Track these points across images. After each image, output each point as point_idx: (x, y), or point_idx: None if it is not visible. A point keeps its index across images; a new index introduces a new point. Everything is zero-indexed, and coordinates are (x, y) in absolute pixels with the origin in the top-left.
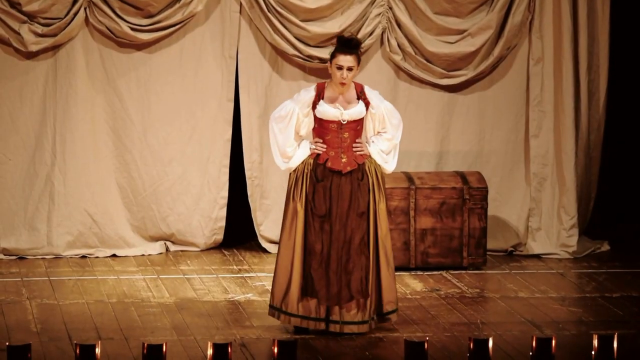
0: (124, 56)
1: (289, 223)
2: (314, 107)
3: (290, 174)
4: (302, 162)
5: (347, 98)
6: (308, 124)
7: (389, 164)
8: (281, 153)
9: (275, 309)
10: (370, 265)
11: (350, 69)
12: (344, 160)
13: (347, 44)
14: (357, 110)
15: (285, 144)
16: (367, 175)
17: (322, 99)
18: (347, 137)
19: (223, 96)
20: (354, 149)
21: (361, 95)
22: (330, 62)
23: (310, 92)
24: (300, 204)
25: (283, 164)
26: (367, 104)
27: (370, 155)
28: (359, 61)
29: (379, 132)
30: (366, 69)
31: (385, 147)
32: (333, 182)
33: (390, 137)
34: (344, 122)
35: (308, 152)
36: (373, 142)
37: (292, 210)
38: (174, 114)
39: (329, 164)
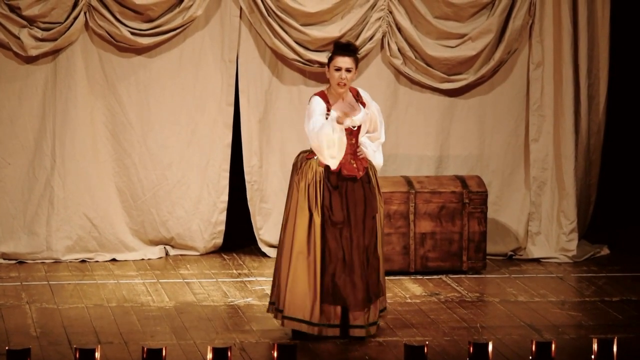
0: (123, 60)
1: (306, 233)
2: (326, 118)
3: (294, 183)
4: (312, 170)
5: (350, 103)
6: None
7: (379, 160)
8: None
9: (290, 319)
10: (381, 266)
11: (348, 70)
12: (354, 165)
13: (345, 47)
14: (361, 114)
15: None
16: (372, 178)
17: (330, 108)
18: (355, 143)
19: (223, 100)
20: (358, 153)
21: (359, 99)
22: (328, 66)
23: (321, 103)
24: (317, 213)
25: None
26: (364, 106)
27: (368, 159)
28: (356, 65)
29: (367, 132)
30: (366, 73)
31: (375, 146)
32: (348, 189)
33: (378, 136)
34: (354, 129)
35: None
36: (364, 144)
37: (308, 220)
38: (173, 118)
39: (344, 172)
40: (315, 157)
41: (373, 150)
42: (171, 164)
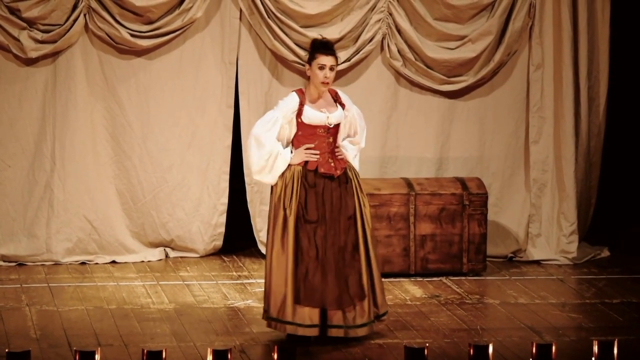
0: (123, 62)
1: (280, 232)
2: (299, 114)
3: (276, 182)
4: (291, 170)
5: (327, 102)
6: (288, 134)
7: (356, 167)
8: (266, 159)
9: (272, 319)
10: (362, 268)
11: (332, 68)
12: (332, 164)
13: (325, 45)
14: (338, 113)
15: (272, 143)
16: (351, 179)
17: (304, 104)
18: (332, 142)
19: (223, 102)
20: (337, 154)
21: (337, 99)
22: (310, 64)
23: (294, 99)
24: (289, 211)
25: (268, 175)
26: (342, 108)
27: (347, 160)
28: (337, 63)
29: (348, 136)
30: (366, 75)
31: (355, 152)
32: (325, 188)
33: (358, 141)
34: (331, 126)
35: (288, 161)
36: (345, 147)
37: (282, 219)
38: (173, 120)
39: (321, 170)
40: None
41: (353, 155)
42: (171, 166)
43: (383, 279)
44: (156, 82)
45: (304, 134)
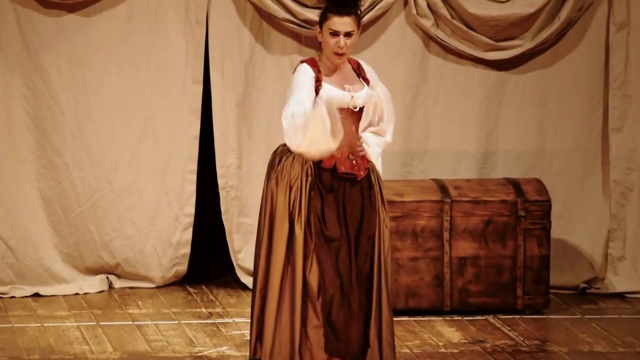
0: (50, 20)
1: (284, 254)
2: (316, 92)
3: (270, 185)
4: (299, 166)
5: (347, 76)
6: None
7: (379, 169)
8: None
9: None
10: (384, 309)
11: (348, 34)
12: (354, 162)
13: (341, 3)
14: (365, 92)
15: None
16: (374, 185)
17: (321, 80)
18: (355, 132)
19: (188, 77)
20: (358, 149)
21: (361, 73)
22: (321, 27)
23: (308, 73)
24: (299, 225)
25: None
26: (367, 84)
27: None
28: (358, 26)
29: (370, 125)
30: (383, 40)
31: (379, 148)
32: (346, 194)
33: (383, 134)
34: (356, 110)
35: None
36: (367, 141)
37: (288, 236)
38: (120, 101)
39: (341, 169)
40: None
41: (377, 154)
42: (117, 164)
43: (407, 318)
44: (96, 49)
45: None
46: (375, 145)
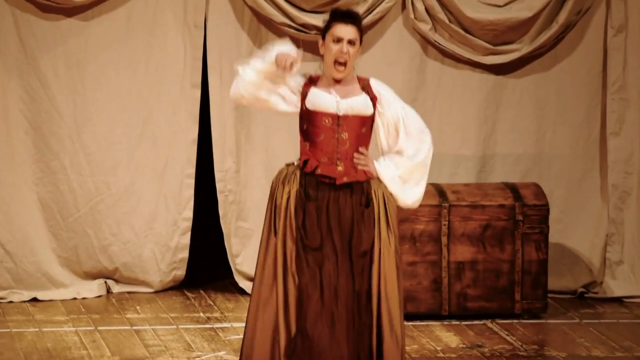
0: (48, 24)
1: (272, 262)
2: (303, 97)
3: (273, 203)
4: (295, 182)
5: (347, 88)
6: (268, 94)
7: (407, 195)
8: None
9: None
10: (385, 326)
11: (351, 42)
12: (339, 168)
13: (345, 14)
14: (359, 101)
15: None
16: (374, 203)
17: (312, 86)
18: (346, 140)
19: (186, 80)
20: (355, 160)
21: (366, 89)
22: (324, 38)
23: (303, 75)
24: (278, 234)
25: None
26: (373, 100)
27: (376, 176)
28: (361, 38)
29: (387, 145)
30: (382, 43)
31: (404, 169)
32: (330, 201)
33: (410, 155)
34: (341, 115)
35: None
36: (385, 161)
37: (268, 245)
38: (118, 104)
39: (318, 171)
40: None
41: (395, 177)
42: (116, 168)
43: (405, 322)
44: (94, 53)
45: (308, 125)
46: (387, 167)
